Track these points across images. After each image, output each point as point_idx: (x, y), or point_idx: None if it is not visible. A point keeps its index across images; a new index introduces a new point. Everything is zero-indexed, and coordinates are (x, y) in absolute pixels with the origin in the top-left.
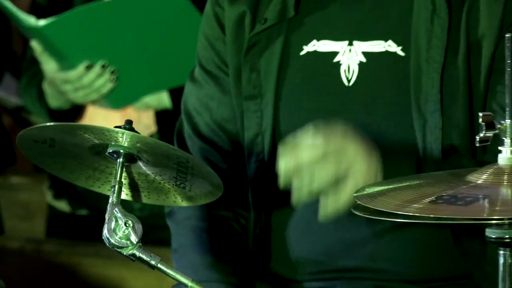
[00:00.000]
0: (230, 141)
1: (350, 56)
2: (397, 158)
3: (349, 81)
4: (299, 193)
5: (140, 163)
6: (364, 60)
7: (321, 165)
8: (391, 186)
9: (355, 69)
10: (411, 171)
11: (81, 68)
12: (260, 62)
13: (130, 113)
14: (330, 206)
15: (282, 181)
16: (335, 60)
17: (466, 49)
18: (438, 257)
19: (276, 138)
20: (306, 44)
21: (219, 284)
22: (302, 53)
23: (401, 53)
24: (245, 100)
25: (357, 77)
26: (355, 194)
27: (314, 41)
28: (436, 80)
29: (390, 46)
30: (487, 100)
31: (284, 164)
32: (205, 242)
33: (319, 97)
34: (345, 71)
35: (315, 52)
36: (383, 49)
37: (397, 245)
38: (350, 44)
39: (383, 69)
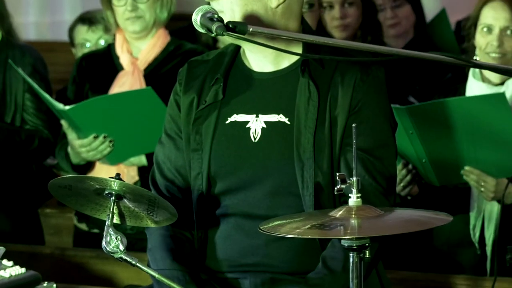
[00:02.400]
0: (184, 181)
1: (256, 124)
2: (285, 191)
3: (255, 139)
4: None
5: (125, 200)
6: (265, 126)
7: None
8: (285, 221)
9: (259, 131)
10: (294, 199)
11: (90, 137)
12: (202, 128)
13: (122, 168)
14: None
15: None
16: (247, 126)
17: (329, 121)
18: (310, 257)
19: (210, 175)
20: (230, 117)
21: (177, 271)
22: (227, 122)
23: (288, 122)
24: (192, 152)
25: (260, 136)
26: (261, 227)
27: (235, 115)
28: (310, 139)
29: (281, 117)
30: (341, 154)
31: None
32: (169, 244)
33: (235, 148)
34: (253, 133)
35: (235, 121)
36: (277, 119)
37: (283, 249)
38: (257, 116)
39: (276, 132)
